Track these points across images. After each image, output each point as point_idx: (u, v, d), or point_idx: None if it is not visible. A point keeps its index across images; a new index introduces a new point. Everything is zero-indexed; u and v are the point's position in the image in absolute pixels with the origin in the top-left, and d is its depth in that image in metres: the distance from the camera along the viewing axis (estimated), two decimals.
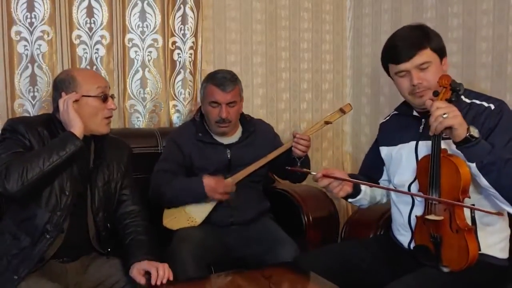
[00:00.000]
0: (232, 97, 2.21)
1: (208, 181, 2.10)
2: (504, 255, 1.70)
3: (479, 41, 2.42)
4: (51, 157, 1.65)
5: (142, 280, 1.69)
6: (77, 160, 1.77)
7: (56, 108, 1.81)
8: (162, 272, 1.69)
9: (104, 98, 1.82)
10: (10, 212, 1.79)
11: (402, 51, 1.69)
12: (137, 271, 1.71)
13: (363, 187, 1.86)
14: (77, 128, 1.72)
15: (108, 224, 1.87)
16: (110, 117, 1.86)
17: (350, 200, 1.89)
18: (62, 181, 1.75)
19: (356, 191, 1.85)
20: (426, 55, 1.67)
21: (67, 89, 1.79)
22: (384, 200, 2.00)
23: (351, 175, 1.85)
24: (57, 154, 1.66)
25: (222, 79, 2.20)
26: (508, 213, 1.70)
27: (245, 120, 2.35)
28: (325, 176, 1.75)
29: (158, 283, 1.67)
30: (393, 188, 1.86)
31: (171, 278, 1.71)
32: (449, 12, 2.55)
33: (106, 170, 1.89)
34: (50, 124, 1.81)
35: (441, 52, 1.71)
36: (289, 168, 2.03)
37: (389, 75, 1.81)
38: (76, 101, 1.77)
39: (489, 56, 2.39)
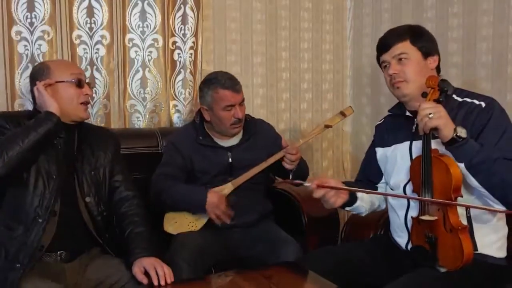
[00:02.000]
0: (242, 96, 2.22)
1: (212, 197, 2.08)
2: (501, 254, 1.70)
3: (479, 41, 2.42)
4: (30, 134, 1.69)
5: (144, 280, 1.69)
6: (62, 145, 1.81)
7: (34, 100, 1.85)
8: (161, 272, 1.70)
9: (78, 83, 1.85)
10: (2, 206, 1.80)
11: (385, 42, 1.78)
12: (138, 269, 1.72)
13: (359, 194, 1.85)
14: (53, 107, 1.76)
15: (102, 208, 1.87)
16: (88, 103, 1.90)
17: (347, 208, 1.87)
18: (48, 165, 1.77)
19: (352, 199, 1.84)
20: (404, 47, 1.73)
21: (41, 77, 1.83)
22: (383, 206, 1.98)
23: (345, 183, 1.84)
24: (35, 130, 1.70)
25: (229, 81, 2.19)
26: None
27: (246, 121, 2.32)
28: (319, 186, 1.73)
29: (162, 283, 1.68)
30: (389, 192, 1.87)
31: (172, 279, 1.71)
32: (449, 12, 2.55)
33: (91, 157, 1.91)
34: (32, 116, 1.82)
35: (425, 50, 1.74)
36: (281, 180, 2.05)
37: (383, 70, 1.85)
38: (50, 85, 1.81)
39: (489, 56, 2.39)
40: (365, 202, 1.89)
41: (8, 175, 1.68)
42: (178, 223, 2.17)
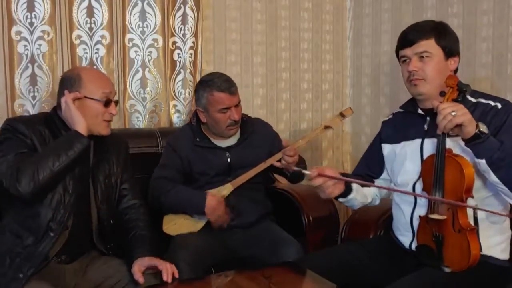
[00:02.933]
0: (238, 98, 2.22)
1: (211, 201, 2.08)
2: (505, 256, 1.70)
3: (479, 41, 2.42)
4: (60, 157, 1.66)
5: (140, 279, 1.69)
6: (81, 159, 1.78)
7: (59, 104, 1.82)
8: (169, 266, 1.71)
9: (106, 103, 1.82)
10: (11, 210, 1.77)
11: (408, 36, 1.74)
12: (137, 268, 1.71)
13: (354, 186, 1.83)
14: (81, 126, 1.72)
15: (110, 217, 1.87)
16: (110, 120, 1.86)
17: (340, 199, 1.86)
18: (65, 180, 1.74)
19: (347, 191, 1.83)
20: (428, 45, 1.70)
21: (71, 88, 1.78)
22: (377, 202, 1.98)
23: (342, 174, 1.82)
24: (66, 154, 1.67)
25: (225, 83, 2.18)
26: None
27: (243, 121, 2.32)
28: (320, 175, 1.72)
29: (169, 278, 1.68)
30: (392, 187, 1.86)
31: (177, 275, 1.72)
32: (449, 12, 2.55)
33: (106, 165, 1.90)
34: (50, 122, 1.81)
35: (448, 50, 1.72)
36: (280, 166, 2.07)
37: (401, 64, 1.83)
38: (78, 99, 1.77)
39: (489, 56, 2.39)
40: (359, 195, 1.87)
41: (35, 197, 1.67)
42: (177, 225, 2.17)
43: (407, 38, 1.74)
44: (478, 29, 2.42)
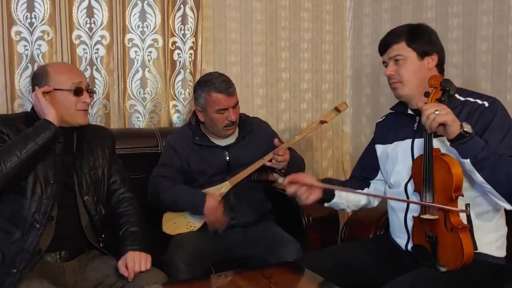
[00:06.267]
0: (236, 99, 2.22)
1: (210, 201, 2.08)
2: (501, 253, 1.70)
3: (479, 41, 2.42)
4: (27, 144, 1.68)
5: (125, 273, 1.72)
6: (60, 150, 1.80)
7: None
8: (138, 263, 1.73)
9: (77, 91, 1.83)
10: None
11: (383, 42, 1.81)
12: (121, 262, 1.74)
13: (337, 191, 1.85)
14: (50, 115, 1.74)
15: (100, 208, 1.88)
16: (86, 110, 1.88)
17: (325, 204, 1.89)
18: (46, 171, 1.76)
19: (329, 196, 1.84)
20: (400, 49, 1.75)
21: (40, 83, 1.82)
22: (375, 203, 1.98)
23: (324, 180, 1.85)
24: (33, 140, 1.69)
25: (223, 84, 2.18)
26: (505, 211, 1.71)
27: (241, 120, 2.33)
28: (290, 182, 1.75)
29: (131, 275, 1.70)
30: (388, 192, 1.87)
31: (146, 268, 1.73)
32: (449, 12, 2.55)
33: (91, 157, 1.91)
34: (29, 119, 1.83)
35: (420, 51, 1.74)
36: (271, 165, 2.10)
37: None
38: (48, 93, 1.79)
39: (489, 56, 2.38)
40: (344, 199, 1.88)
41: (5, 186, 1.69)
42: (176, 224, 2.17)
43: (382, 44, 1.81)
44: (478, 29, 2.42)
